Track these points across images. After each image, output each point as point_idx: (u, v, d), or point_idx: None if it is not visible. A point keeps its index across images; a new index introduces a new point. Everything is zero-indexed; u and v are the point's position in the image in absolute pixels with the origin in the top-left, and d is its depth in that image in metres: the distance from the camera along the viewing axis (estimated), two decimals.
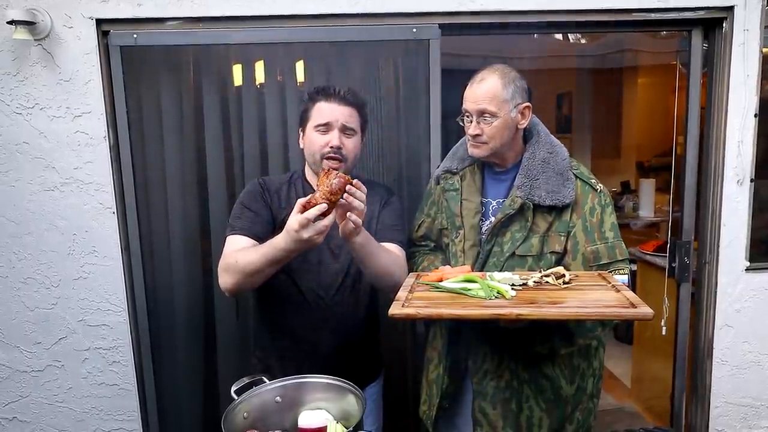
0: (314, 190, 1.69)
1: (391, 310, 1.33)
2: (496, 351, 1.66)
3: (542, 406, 1.67)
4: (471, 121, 1.63)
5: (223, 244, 1.68)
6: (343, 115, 1.69)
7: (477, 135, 1.63)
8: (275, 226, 1.69)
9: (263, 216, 1.70)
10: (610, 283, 1.48)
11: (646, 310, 1.26)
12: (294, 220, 1.37)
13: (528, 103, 1.65)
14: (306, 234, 1.37)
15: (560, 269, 1.51)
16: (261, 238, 1.60)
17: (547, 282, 1.49)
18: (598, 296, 1.38)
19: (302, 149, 1.77)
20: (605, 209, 1.65)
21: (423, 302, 1.39)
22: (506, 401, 1.67)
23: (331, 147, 1.66)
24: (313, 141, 1.69)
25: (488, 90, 1.59)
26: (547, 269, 1.55)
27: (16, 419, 2.39)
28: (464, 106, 1.65)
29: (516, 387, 1.67)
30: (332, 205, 1.38)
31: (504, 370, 1.67)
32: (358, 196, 1.41)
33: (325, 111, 1.68)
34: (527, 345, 1.62)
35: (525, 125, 1.68)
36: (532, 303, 1.34)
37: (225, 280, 1.58)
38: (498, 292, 1.39)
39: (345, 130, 1.69)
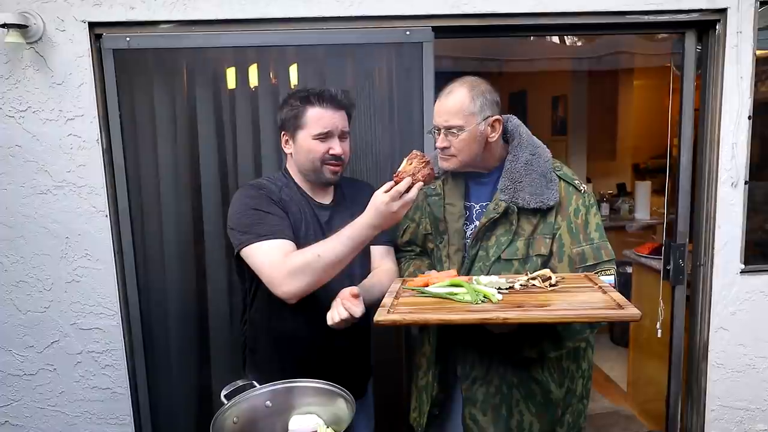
0: (306, 195, 1.72)
1: (377, 316, 1.32)
2: (484, 357, 1.65)
3: (532, 410, 1.66)
4: (438, 135, 1.62)
5: (232, 250, 1.63)
6: (341, 120, 1.66)
7: (445, 148, 1.61)
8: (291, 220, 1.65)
9: (286, 219, 1.63)
10: (596, 284, 1.47)
11: (632, 311, 1.26)
12: (384, 195, 1.45)
13: (498, 117, 1.62)
14: (396, 206, 1.45)
15: (546, 272, 1.51)
16: (293, 242, 1.57)
17: (533, 285, 1.48)
18: (585, 298, 1.37)
19: (289, 153, 1.71)
20: (590, 210, 1.64)
21: (409, 308, 1.38)
22: (496, 407, 1.66)
23: (333, 155, 1.64)
24: (312, 149, 1.64)
25: (455, 103, 1.57)
26: (534, 272, 1.54)
27: (8, 423, 2.38)
28: (433, 119, 1.63)
29: (505, 392, 1.65)
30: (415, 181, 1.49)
31: (493, 376, 1.65)
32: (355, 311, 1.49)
33: (325, 119, 1.63)
34: (516, 349, 1.61)
35: (495, 138, 1.64)
36: (518, 306, 1.33)
37: (300, 283, 1.50)
38: (485, 296, 1.39)
39: (342, 135, 1.67)
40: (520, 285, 1.48)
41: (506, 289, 1.46)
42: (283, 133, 1.70)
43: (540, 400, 1.66)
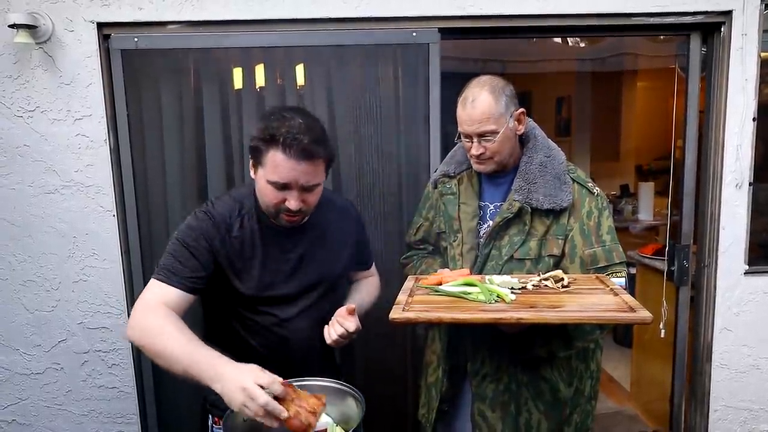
0: (268, 222, 1.50)
1: (392, 314, 1.33)
2: (494, 354, 1.67)
3: (540, 409, 1.67)
4: (471, 142, 1.61)
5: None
6: (304, 174, 1.39)
7: (481, 154, 1.62)
8: (211, 271, 1.46)
9: (200, 263, 1.44)
10: (608, 286, 1.48)
11: (644, 314, 1.27)
12: (251, 390, 1.15)
13: (522, 108, 1.65)
14: (252, 407, 1.16)
15: (559, 273, 1.52)
16: (193, 293, 1.43)
17: (546, 285, 1.49)
18: (597, 300, 1.38)
19: (253, 179, 1.50)
20: (602, 212, 1.65)
21: (423, 306, 1.39)
22: (505, 404, 1.67)
23: (287, 207, 1.43)
24: (266, 194, 1.43)
25: (483, 110, 1.56)
26: (545, 272, 1.55)
27: (15, 422, 2.39)
28: (462, 128, 1.62)
29: (514, 390, 1.67)
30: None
31: (503, 374, 1.67)
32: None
33: (283, 169, 1.37)
34: (526, 348, 1.62)
35: (522, 130, 1.68)
36: (532, 307, 1.35)
37: (132, 337, 1.36)
38: (498, 296, 1.40)
39: (305, 188, 1.42)
40: (533, 285, 1.49)
41: (519, 289, 1.47)
42: (250, 156, 1.48)
43: (548, 399, 1.68)
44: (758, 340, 2.49)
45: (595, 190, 1.67)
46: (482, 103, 1.57)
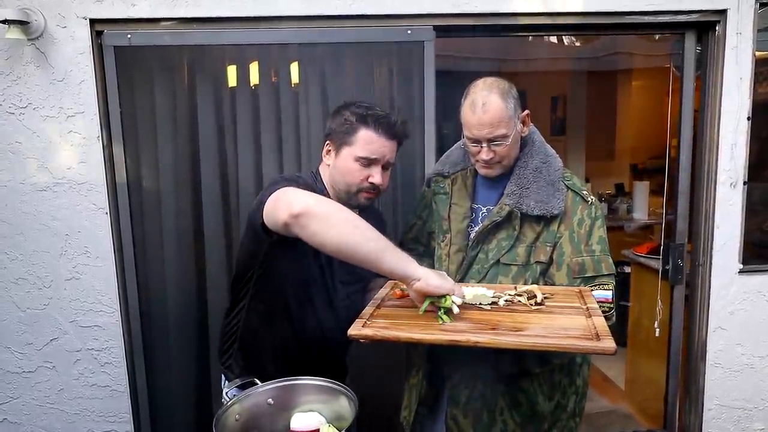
0: None
1: (350, 330, 1.32)
2: (470, 361, 1.62)
3: (516, 420, 1.62)
4: (480, 147, 1.58)
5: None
6: (390, 150, 1.58)
7: (491, 158, 1.58)
8: None
9: None
10: (585, 304, 1.43)
11: (607, 344, 1.20)
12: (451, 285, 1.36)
13: (527, 110, 1.62)
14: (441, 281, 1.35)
15: (533, 289, 1.48)
16: None
17: (519, 301, 1.46)
18: (566, 323, 1.32)
19: (328, 165, 1.62)
20: (595, 222, 1.61)
21: (384, 322, 1.37)
22: (478, 411, 1.63)
23: (371, 183, 1.56)
24: (351, 171, 1.56)
25: (495, 114, 1.52)
26: (533, 279, 1.52)
27: (7, 421, 2.37)
28: (470, 133, 1.57)
29: (489, 398, 1.62)
30: None
31: (478, 380, 1.62)
32: None
33: (375, 144, 1.54)
34: (497, 364, 1.58)
35: (527, 132, 1.65)
36: (493, 329, 1.31)
37: (317, 207, 1.31)
38: None
39: (386, 165, 1.59)
40: (505, 301, 1.46)
41: (489, 304, 1.44)
42: (328, 142, 1.62)
43: (526, 411, 1.62)
44: (752, 339, 2.50)
45: (589, 199, 1.63)
46: (493, 107, 1.52)
